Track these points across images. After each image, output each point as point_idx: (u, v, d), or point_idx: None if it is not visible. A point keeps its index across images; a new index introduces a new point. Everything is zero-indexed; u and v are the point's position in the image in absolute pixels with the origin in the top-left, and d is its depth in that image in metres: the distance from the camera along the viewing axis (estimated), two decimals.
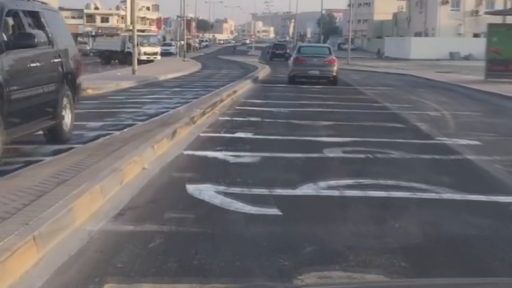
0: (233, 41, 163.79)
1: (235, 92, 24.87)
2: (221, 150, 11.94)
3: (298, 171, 10.40)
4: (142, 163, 10.06)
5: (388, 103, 22.74)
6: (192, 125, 14.84)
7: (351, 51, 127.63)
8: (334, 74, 32.29)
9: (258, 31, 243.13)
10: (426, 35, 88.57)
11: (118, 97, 24.16)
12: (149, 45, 58.23)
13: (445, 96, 27.38)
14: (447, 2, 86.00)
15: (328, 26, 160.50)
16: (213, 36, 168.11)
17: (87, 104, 21.04)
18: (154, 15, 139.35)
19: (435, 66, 62.26)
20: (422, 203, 8.42)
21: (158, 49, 59.37)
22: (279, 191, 8.75)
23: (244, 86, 28.83)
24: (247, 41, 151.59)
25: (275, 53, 72.82)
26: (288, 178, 9.68)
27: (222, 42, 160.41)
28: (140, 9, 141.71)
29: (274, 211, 7.77)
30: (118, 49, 58.22)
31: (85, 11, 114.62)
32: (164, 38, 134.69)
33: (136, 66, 37.84)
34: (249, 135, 14.05)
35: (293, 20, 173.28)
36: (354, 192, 8.84)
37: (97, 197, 7.84)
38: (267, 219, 7.49)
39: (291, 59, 34.23)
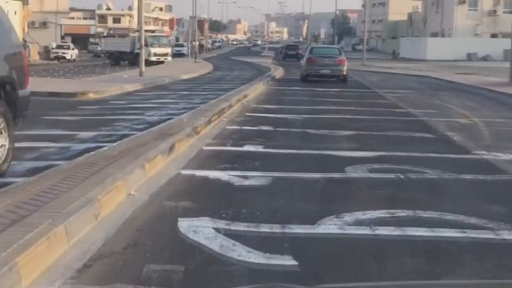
0: (246, 42, 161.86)
1: (245, 96, 23.04)
2: (225, 169, 10.08)
3: (317, 198, 8.52)
4: (128, 188, 8.24)
5: (412, 109, 20.81)
6: (195, 137, 13.02)
7: (365, 51, 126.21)
8: (344, 73, 34.01)
9: (272, 32, 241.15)
10: (443, 35, 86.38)
11: (120, 102, 22.36)
12: (159, 45, 56.50)
13: (471, 100, 25.39)
14: (464, 2, 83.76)
15: (342, 27, 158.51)
16: (226, 37, 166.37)
17: (84, 110, 19.30)
18: (167, 16, 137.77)
19: (453, 67, 60.24)
20: (478, 247, 6.52)
21: (168, 50, 57.65)
22: (295, 230, 6.88)
23: (256, 89, 26.98)
24: (258, 42, 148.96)
25: (287, 53, 74.85)
26: (306, 208, 7.82)
27: (235, 42, 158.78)
28: (153, 10, 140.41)
29: (288, 261, 5.90)
30: (128, 50, 56.52)
31: (97, 11, 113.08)
32: (177, 39, 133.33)
33: (143, 68, 36.08)
34: (259, 148, 12.20)
35: (306, 21, 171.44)
36: (389, 230, 6.93)
37: (59, 242, 6.01)
38: (280, 275, 5.64)
39: (304, 59, 35.67)
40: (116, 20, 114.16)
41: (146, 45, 56.03)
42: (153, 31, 60.62)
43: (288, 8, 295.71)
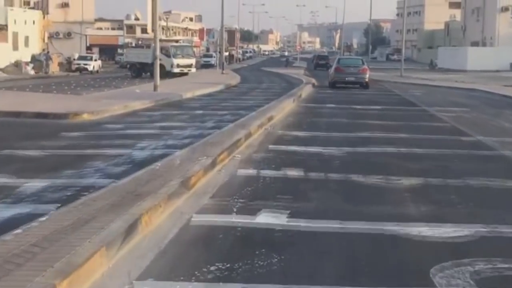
0: (278, 52, 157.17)
1: (271, 118, 18.49)
2: (218, 280, 5.53)
3: None
4: None
5: (481, 136, 16.03)
6: (184, 195, 8.49)
7: (399, 62, 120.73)
8: (366, 80, 38.35)
9: (304, 42, 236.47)
10: (484, 44, 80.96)
11: (116, 126, 17.90)
12: (183, 56, 52.17)
13: None
14: (507, 9, 78.30)
15: (375, 36, 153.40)
16: (258, 47, 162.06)
17: (62, 139, 14.98)
18: (197, 26, 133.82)
19: (497, 79, 55.12)
20: None
21: (193, 61, 53.26)
22: None
23: (284, 108, 22.40)
24: (286, 53, 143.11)
25: (318, 63, 78.88)
26: None
27: (267, 53, 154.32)
28: (183, 20, 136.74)
29: None
30: (149, 61, 52.13)
31: (125, 22, 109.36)
32: (207, 49, 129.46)
33: (158, 82, 31.71)
34: (281, 218, 7.60)
35: (339, 31, 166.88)
36: None
37: None
38: None
39: (332, 68, 40.40)
40: (144, 30, 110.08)
41: (168, 55, 52.04)
42: (176, 41, 56.28)
43: (320, 18, 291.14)
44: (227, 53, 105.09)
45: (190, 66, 52.55)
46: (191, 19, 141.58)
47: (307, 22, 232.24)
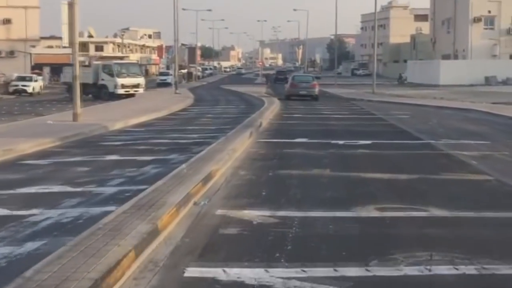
0: (228, 69, 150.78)
1: (208, 179, 11.07)
2: None
3: None
4: None
5: None
6: None
7: (365, 76, 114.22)
8: (316, 93, 42.32)
9: (266, 58, 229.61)
10: (456, 57, 74.80)
11: None
12: (128, 75, 44.66)
13: None
14: (479, 20, 72.25)
15: (339, 51, 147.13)
16: (219, 63, 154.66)
17: None
18: (156, 43, 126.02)
19: (478, 94, 48.68)
20: None
21: (140, 80, 45.68)
22: None
23: (235, 151, 15.01)
24: (243, 71, 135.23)
25: (278, 77, 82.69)
26: None
27: (228, 69, 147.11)
28: (141, 37, 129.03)
29: None
30: (90, 81, 44.70)
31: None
32: (168, 67, 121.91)
33: (78, 109, 24.19)
34: None
35: (301, 46, 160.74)
36: None
37: None
38: None
39: (288, 83, 44.73)
40: (99, 48, 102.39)
41: (111, 74, 44.50)
42: (121, 58, 48.46)
43: (282, 34, 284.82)
44: (185, 71, 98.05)
45: (137, 86, 45.04)
46: (149, 36, 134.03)
47: (269, 38, 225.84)
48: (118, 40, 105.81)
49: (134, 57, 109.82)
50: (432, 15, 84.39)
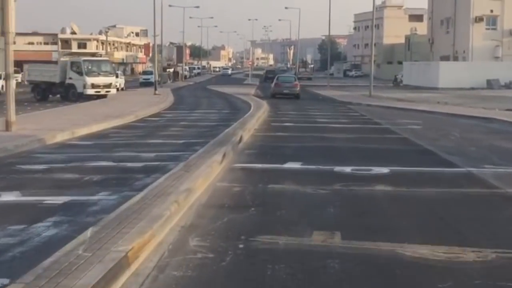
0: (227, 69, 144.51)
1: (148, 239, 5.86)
2: None
3: None
4: None
5: None
6: None
7: (358, 78, 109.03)
8: (297, 92, 45.12)
9: (257, 58, 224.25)
10: (456, 59, 69.73)
11: None
12: (99, 74, 39.29)
13: None
14: (481, 20, 67.23)
15: (330, 52, 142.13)
16: (208, 63, 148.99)
17: None
18: (143, 41, 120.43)
19: (485, 99, 43.77)
20: None
21: (112, 80, 40.37)
22: None
23: (196, 190, 9.77)
24: (229, 72, 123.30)
25: (267, 76, 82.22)
26: None
27: (217, 69, 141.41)
28: (128, 35, 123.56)
29: None
30: (57, 80, 39.37)
31: (60, 36, 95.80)
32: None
33: (13, 116, 18.88)
34: None
35: (292, 47, 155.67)
36: None
37: None
38: None
39: (273, 83, 47.49)
40: (82, 45, 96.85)
41: (80, 73, 39.18)
42: (93, 54, 42.71)
43: (273, 34, 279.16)
44: (171, 70, 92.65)
45: (109, 86, 39.74)
46: (137, 34, 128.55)
47: (260, 38, 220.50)
48: (102, 37, 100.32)
49: (119, 55, 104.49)
50: (430, 14, 79.37)
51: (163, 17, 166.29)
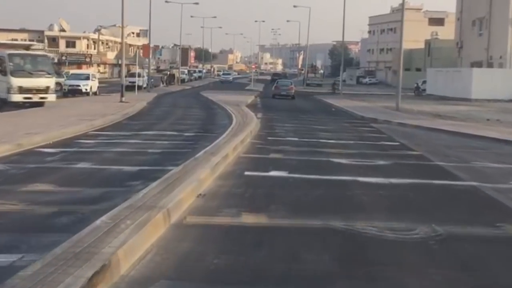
0: (236, 73, 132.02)
1: None
2: None
3: None
4: None
5: None
6: None
7: (372, 85, 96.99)
8: (293, 94, 50.92)
9: (266, 63, 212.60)
10: (490, 65, 57.83)
11: None
12: (31, 74, 27.64)
13: None
14: None
15: (340, 58, 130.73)
16: (211, 66, 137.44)
17: None
18: (142, 41, 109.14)
19: None
20: None
21: (50, 82, 28.65)
22: None
23: None
24: (230, 78, 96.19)
25: (273, 78, 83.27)
26: None
27: (221, 73, 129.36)
28: (128, 35, 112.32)
29: None
30: None
31: (47, 33, 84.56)
32: (158, 68, 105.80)
33: None
34: None
35: (302, 52, 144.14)
36: None
37: None
38: None
39: (273, 86, 54.21)
40: (71, 44, 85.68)
41: (3, 72, 27.69)
42: (27, 47, 31.80)
43: (283, 39, 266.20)
44: (167, 73, 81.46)
45: (44, 91, 28.17)
46: (137, 34, 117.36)
47: (269, 42, 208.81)
48: (94, 36, 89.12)
49: (112, 55, 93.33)
50: (459, 15, 67.49)
51: (164, 17, 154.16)
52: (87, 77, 47.72)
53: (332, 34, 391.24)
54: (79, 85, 45.45)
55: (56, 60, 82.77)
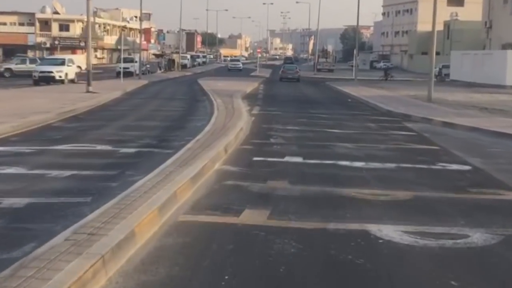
0: (244, 58, 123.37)
1: None
2: None
3: None
4: None
5: None
6: None
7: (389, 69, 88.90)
8: (298, 77, 52.30)
9: (276, 48, 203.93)
10: None
11: None
12: None
13: None
14: None
15: (353, 42, 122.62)
16: (218, 51, 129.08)
17: None
18: (144, 25, 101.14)
19: None
20: None
21: None
22: None
23: None
24: (240, 65, 77.54)
25: (286, 62, 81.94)
26: None
27: (228, 59, 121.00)
28: (130, 19, 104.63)
29: None
30: None
31: (38, 15, 76.87)
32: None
33: None
34: None
35: (312, 37, 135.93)
36: None
37: None
38: None
39: (281, 70, 55.67)
40: (64, 27, 78.03)
41: None
42: None
43: (293, 24, 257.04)
44: (167, 58, 73.85)
45: None
46: (141, 19, 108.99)
47: (280, 27, 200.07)
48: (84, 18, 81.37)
49: (111, 40, 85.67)
50: None
51: (171, 0, 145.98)
52: (62, 63, 40.21)
53: (343, 19, 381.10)
54: (51, 72, 38.10)
55: (48, 45, 75.40)
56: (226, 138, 12.63)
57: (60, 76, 38.42)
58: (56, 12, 78.57)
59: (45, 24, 76.90)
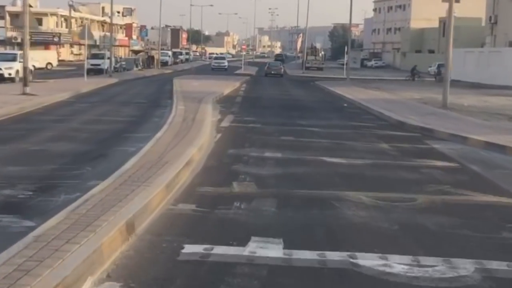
0: (230, 56, 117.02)
1: None
2: None
3: None
4: None
5: None
6: None
7: (378, 69, 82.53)
8: (281, 73, 55.93)
9: (264, 46, 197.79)
10: None
11: None
12: None
13: None
14: None
15: (341, 39, 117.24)
16: (203, 48, 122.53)
17: None
18: (126, 21, 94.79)
19: None
20: None
21: None
22: None
23: None
24: (225, 63, 67.45)
25: (276, 59, 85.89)
26: None
27: (214, 55, 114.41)
28: (113, 14, 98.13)
29: None
30: None
31: (8, 8, 70.52)
32: (148, 50, 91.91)
33: None
34: None
35: (301, 35, 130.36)
36: None
37: None
38: None
39: (265, 67, 58.21)
40: (38, 20, 71.78)
41: None
42: None
43: (282, 22, 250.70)
44: (145, 55, 67.93)
45: None
46: (123, 14, 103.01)
47: (268, 25, 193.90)
48: (64, 12, 75.25)
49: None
50: None
51: None
52: (13, 58, 34.20)
53: (331, 17, 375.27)
54: None
55: (19, 40, 69.07)
56: (147, 193, 6.75)
57: (10, 74, 32.56)
58: (29, 5, 72.12)
59: (16, 17, 70.51)
